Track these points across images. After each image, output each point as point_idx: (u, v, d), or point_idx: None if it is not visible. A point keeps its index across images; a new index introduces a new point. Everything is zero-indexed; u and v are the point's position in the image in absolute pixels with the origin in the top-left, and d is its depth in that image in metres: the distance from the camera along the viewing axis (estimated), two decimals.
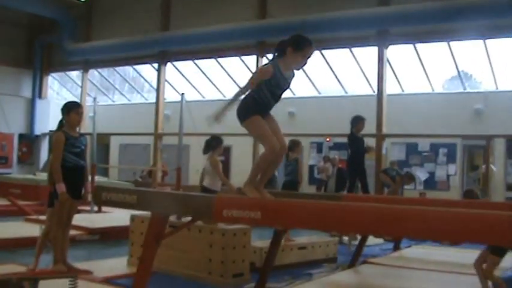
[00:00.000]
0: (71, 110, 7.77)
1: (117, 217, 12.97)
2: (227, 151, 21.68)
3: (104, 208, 14.91)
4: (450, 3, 16.20)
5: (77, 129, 7.95)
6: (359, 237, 10.58)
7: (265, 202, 5.28)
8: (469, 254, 10.97)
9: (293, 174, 11.41)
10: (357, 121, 12.09)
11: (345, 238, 12.42)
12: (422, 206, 5.44)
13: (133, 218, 9.20)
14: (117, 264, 8.99)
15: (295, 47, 5.45)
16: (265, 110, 5.61)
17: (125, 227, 10.07)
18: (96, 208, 15.00)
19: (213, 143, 9.78)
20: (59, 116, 7.90)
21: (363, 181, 12.10)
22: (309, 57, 5.57)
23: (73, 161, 7.55)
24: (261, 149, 5.91)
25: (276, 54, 5.59)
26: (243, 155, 21.05)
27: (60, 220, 7.58)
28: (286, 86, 5.62)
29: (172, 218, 8.04)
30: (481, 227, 4.21)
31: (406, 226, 4.65)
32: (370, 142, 14.19)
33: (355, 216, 4.85)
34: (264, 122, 5.53)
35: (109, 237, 11.74)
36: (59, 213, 7.56)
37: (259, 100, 5.51)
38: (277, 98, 5.64)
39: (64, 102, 8.18)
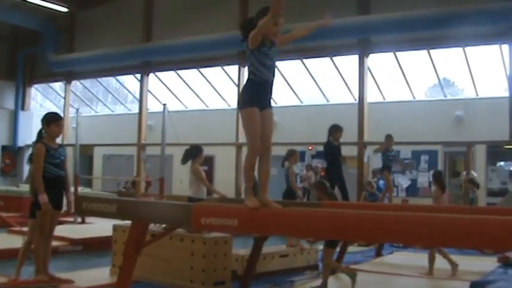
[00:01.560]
0: (52, 122, 7.79)
1: (100, 228, 12.97)
2: (210, 161, 21.73)
3: (87, 219, 14.92)
4: (430, 12, 16.35)
5: (56, 140, 7.97)
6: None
7: (242, 210, 5.35)
8: None
9: (289, 182, 11.65)
10: (336, 130, 12.20)
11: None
12: (401, 212, 5.55)
13: (115, 228, 9.24)
14: (99, 274, 9.01)
15: (264, 15, 5.64)
16: (266, 91, 5.77)
17: (107, 237, 10.07)
18: (79, 219, 15.00)
19: (193, 152, 9.81)
20: None
21: (342, 189, 12.19)
22: (280, 25, 5.80)
23: (54, 171, 7.60)
24: (244, 157, 6.00)
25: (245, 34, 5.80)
26: (226, 165, 21.12)
27: (42, 230, 7.61)
28: (274, 55, 5.79)
29: (155, 228, 8.10)
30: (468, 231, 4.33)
31: (383, 231, 4.74)
32: (351, 150, 14.30)
33: (332, 223, 4.93)
34: (257, 119, 5.63)
35: (92, 248, 11.72)
36: (40, 224, 7.58)
37: (259, 80, 5.68)
38: (271, 69, 5.77)
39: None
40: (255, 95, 5.68)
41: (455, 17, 15.97)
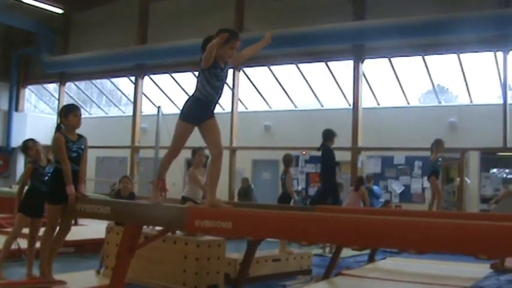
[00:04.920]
0: (69, 112, 7.64)
1: (93, 229, 12.93)
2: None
3: (80, 221, 14.87)
4: (425, 18, 16.41)
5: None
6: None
7: (236, 212, 5.35)
8: (442, 266, 11.14)
9: (285, 186, 11.66)
10: (332, 135, 12.17)
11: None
12: (396, 217, 5.55)
13: (108, 230, 9.21)
14: (91, 276, 8.98)
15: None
16: (207, 109, 6.01)
17: (100, 239, 10.04)
18: (72, 221, 14.94)
19: (192, 155, 9.79)
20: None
21: (334, 194, 12.19)
22: (236, 48, 6.01)
23: (69, 166, 7.42)
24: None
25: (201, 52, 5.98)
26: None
27: (53, 225, 7.44)
28: (224, 77, 6.04)
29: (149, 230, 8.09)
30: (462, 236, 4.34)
31: (378, 236, 4.73)
32: (344, 156, 14.32)
33: (326, 227, 4.92)
34: (185, 134, 6.04)
35: (84, 250, 11.70)
36: (52, 218, 7.40)
37: (203, 99, 5.94)
38: (218, 90, 6.02)
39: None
40: (194, 113, 5.99)
41: (450, 23, 16.06)
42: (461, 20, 15.97)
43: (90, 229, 13.63)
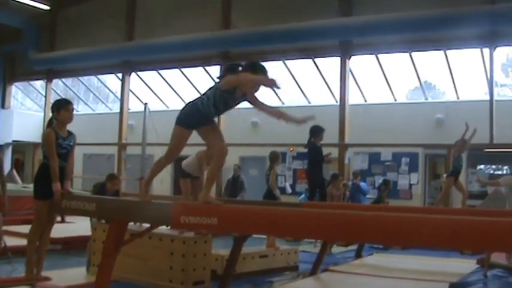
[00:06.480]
0: (61, 107, 7.69)
1: (80, 227, 12.88)
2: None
3: (67, 218, 14.84)
4: (411, 14, 16.44)
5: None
6: None
7: (222, 208, 5.35)
8: (428, 262, 11.19)
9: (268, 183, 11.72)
10: (320, 132, 12.13)
11: None
12: (381, 212, 5.56)
13: (95, 227, 9.19)
14: (78, 273, 8.98)
15: (252, 71, 5.75)
16: (204, 121, 5.96)
17: (87, 236, 10.02)
18: (59, 218, 14.90)
19: None
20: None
21: (321, 190, 12.18)
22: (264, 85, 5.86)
23: (57, 162, 7.41)
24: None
25: (225, 73, 5.91)
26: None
27: (40, 221, 7.44)
28: (231, 106, 5.97)
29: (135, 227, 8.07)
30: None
31: (363, 232, 4.74)
32: (332, 152, 14.28)
33: (312, 223, 4.92)
34: (183, 141, 6.01)
35: (71, 247, 11.66)
36: (39, 214, 7.41)
37: (203, 112, 5.84)
38: (219, 112, 5.99)
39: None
40: (194, 121, 5.95)
41: (437, 20, 16.08)
42: (448, 17, 15.99)
43: (77, 226, 13.62)
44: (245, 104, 6.11)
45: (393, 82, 19.51)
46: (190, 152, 9.72)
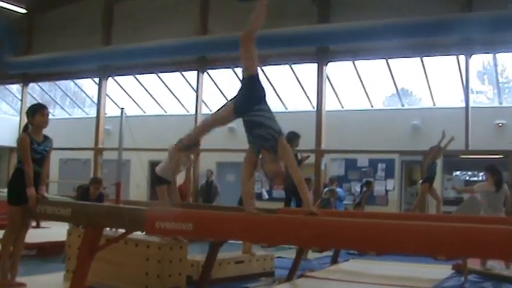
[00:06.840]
0: (36, 112, 7.68)
1: (55, 232, 12.81)
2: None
3: (42, 223, 14.75)
4: (388, 22, 16.52)
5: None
6: None
7: (197, 214, 5.34)
8: (404, 267, 11.23)
9: None
10: (296, 137, 12.13)
11: None
12: (356, 218, 5.57)
13: (70, 233, 9.14)
14: (53, 279, 8.89)
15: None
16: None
17: (62, 242, 9.96)
18: (34, 223, 14.81)
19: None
20: None
21: (299, 196, 12.15)
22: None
23: (32, 167, 7.39)
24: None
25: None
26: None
27: (14, 226, 7.41)
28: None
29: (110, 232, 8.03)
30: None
31: (338, 238, 4.76)
32: (309, 158, 14.30)
33: (289, 229, 4.93)
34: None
35: (46, 253, 11.57)
36: (14, 219, 7.38)
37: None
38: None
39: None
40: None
41: (413, 27, 16.19)
42: (424, 24, 16.10)
43: (52, 231, 13.53)
44: None
45: (370, 88, 19.63)
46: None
